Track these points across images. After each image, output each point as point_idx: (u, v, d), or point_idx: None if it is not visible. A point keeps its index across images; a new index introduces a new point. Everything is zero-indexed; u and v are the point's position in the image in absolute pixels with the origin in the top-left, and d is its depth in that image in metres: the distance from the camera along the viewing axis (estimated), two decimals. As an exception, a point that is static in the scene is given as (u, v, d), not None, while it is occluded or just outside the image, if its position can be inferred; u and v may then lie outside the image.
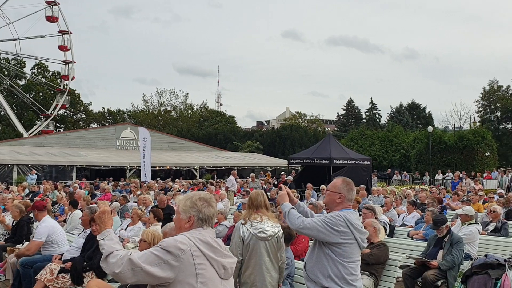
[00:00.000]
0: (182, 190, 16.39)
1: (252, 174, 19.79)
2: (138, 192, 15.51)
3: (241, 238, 4.47)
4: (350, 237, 3.57)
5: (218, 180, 25.09)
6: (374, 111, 63.91)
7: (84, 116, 60.55)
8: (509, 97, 55.14)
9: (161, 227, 6.35)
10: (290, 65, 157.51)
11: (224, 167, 34.51)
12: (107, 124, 56.35)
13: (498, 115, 56.43)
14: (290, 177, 20.92)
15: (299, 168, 27.62)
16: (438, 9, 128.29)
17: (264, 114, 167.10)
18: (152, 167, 28.51)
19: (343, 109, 65.95)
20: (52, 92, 52.70)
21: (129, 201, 13.31)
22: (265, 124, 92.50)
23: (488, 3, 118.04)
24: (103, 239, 2.69)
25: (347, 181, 3.76)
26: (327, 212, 3.94)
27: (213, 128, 52.84)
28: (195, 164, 33.32)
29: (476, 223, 8.40)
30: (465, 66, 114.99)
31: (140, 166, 28.33)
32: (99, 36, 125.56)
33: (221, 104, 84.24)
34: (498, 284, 5.44)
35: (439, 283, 6.21)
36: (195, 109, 63.13)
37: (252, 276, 4.43)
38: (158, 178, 26.47)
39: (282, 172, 23.48)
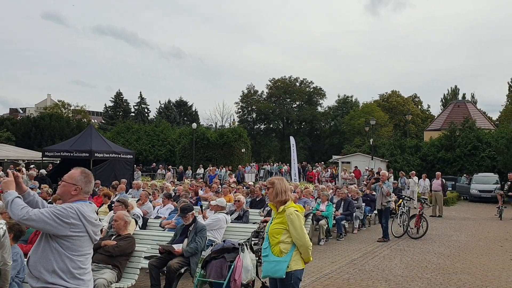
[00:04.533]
0: None
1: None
2: None
3: None
4: (81, 230, 3.39)
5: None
6: (143, 105, 64.04)
7: None
8: (263, 101, 62.89)
9: None
10: (52, 50, 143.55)
11: (-38, 159, 29.24)
12: None
13: (254, 116, 63.85)
14: (43, 171, 19.02)
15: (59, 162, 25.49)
16: (204, 13, 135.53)
17: (20, 101, 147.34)
18: None
19: (111, 101, 64.05)
20: None
21: None
22: (21, 112, 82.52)
23: (249, 15, 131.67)
24: None
25: (85, 173, 3.59)
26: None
27: (-51, 113, 44.14)
28: None
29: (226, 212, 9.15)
30: (227, 70, 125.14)
31: None
32: None
33: (-38, 86, 71.27)
34: (232, 266, 5.93)
35: (182, 270, 6.42)
36: None
37: None
38: None
39: (32, 165, 21.10)
